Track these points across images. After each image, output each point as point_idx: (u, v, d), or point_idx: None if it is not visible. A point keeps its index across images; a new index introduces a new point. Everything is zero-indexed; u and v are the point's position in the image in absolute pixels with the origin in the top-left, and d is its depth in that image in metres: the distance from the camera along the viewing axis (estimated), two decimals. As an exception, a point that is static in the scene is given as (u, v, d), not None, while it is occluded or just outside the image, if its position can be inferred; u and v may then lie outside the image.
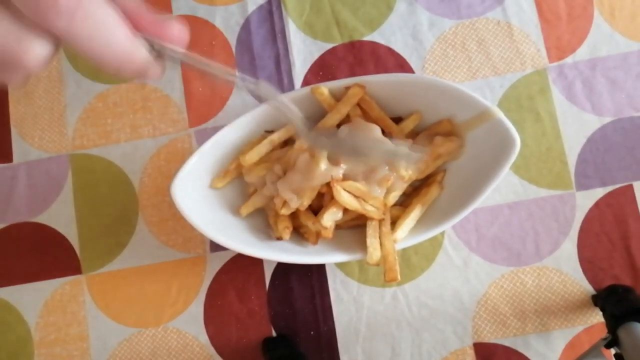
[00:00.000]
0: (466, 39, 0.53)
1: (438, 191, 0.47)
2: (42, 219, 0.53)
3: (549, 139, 0.51)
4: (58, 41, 0.23)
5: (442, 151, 0.46)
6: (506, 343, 0.50)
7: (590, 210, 0.51)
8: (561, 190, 0.51)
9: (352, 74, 0.53)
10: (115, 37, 0.24)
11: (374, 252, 0.44)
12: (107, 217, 0.53)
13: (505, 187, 0.51)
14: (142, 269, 0.52)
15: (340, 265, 0.51)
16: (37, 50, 0.23)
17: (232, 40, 0.55)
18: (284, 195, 0.44)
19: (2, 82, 0.24)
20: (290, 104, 0.37)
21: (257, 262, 0.52)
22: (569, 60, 0.53)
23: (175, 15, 0.55)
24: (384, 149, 0.42)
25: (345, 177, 0.45)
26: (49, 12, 0.21)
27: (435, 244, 0.51)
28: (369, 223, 0.45)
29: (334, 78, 0.53)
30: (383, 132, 0.46)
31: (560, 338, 0.50)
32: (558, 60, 0.53)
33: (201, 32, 0.55)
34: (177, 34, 0.26)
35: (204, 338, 0.51)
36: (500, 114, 0.43)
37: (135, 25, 0.25)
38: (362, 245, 0.44)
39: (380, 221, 0.45)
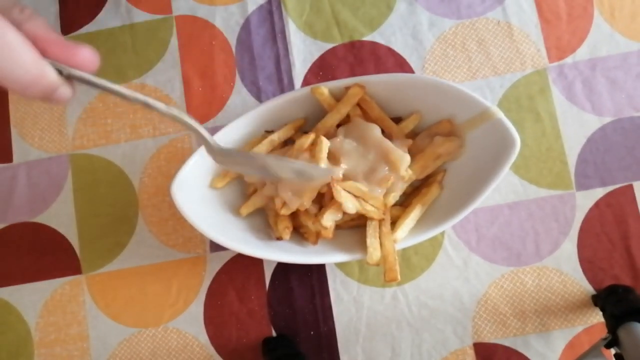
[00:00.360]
0: (466, 39, 0.53)
1: (438, 191, 0.47)
2: (42, 219, 0.53)
3: (549, 139, 0.51)
4: None
5: (442, 151, 0.46)
6: (506, 343, 0.50)
7: (590, 210, 0.51)
8: (561, 190, 0.51)
9: (352, 74, 0.53)
10: (21, 61, 0.24)
11: (374, 252, 0.44)
12: (107, 217, 0.53)
13: (505, 187, 0.51)
14: (142, 269, 0.52)
15: (340, 265, 0.51)
16: None
17: (232, 40, 0.55)
18: (284, 197, 0.44)
19: None
20: (202, 128, 0.36)
21: (257, 262, 0.52)
22: (569, 60, 0.53)
23: (174, 15, 0.56)
24: (293, 167, 0.42)
25: (345, 177, 0.45)
26: None
27: (435, 244, 0.51)
28: (369, 223, 0.45)
29: (334, 78, 0.53)
30: (383, 132, 0.46)
31: (560, 338, 0.50)
32: (558, 60, 0.53)
33: (201, 32, 0.55)
34: (85, 58, 0.27)
35: (204, 338, 0.51)
36: (500, 114, 0.43)
37: (44, 50, 0.25)
38: (362, 245, 0.44)
39: (380, 221, 0.45)
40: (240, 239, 0.45)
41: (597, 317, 0.50)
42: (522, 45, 0.53)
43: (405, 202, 0.48)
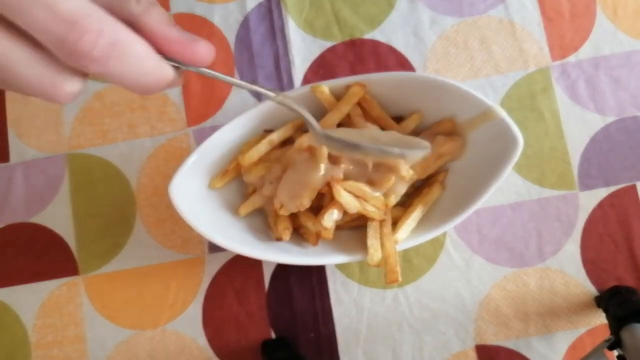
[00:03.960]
0: (468, 37, 0.53)
1: (440, 191, 0.46)
2: (39, 219, 0.53)
3: (552, 138, 0.51)
4: (88, 74, 0.24)
5: (443, 151, 0.46)
6: (509, 345, 0.49)
7: (594, 211, 0.50)
8: (564, 190, 0.50)
9: (353, 72, 0.53)
10: (145, 68, 0.24)
11: (375, 253, 0.43)
12: (105, 218, 0.52)
13: (507, 187, 0.51)
14: (139, 270, 0.51)
15: (340, 267, 0.51)
16: (69, 88, 0.24)
17: (231, 39, 0.54)
18: (282, 199, 0.44)
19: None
20: (308, 114, 0.38)
21: (257, 263, 0.51)
22: (572, 58, 0.52)
23: (172, 13, 0.55)
24: (395, 154, 0.42)
25: (346, 177, 0.44)
26: (83, 59, 0.22)
27: (437, 244, 0.50)
28: (369, 224, 0.44)
29: (334, 77, 0.53)
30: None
31: (563, 340, 0.49)
32: (561, 58, 0.52)
33: (199, 30, 0.54)
34: (202, 54, 0.27)
35: (202, 340, 0.51)
36: (503, 113, 0.42)
37: (163, 49, 0.25)
38: (363, 246, 0.44)
39: (381, 222, 0.44)
40: (239, 240, 0.45)
41: (600, 319, 0.49)
42: (524, 44, 0.52)
43: (406, 202, 0.47)
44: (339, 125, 0.46)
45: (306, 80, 0.53)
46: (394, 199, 0.45)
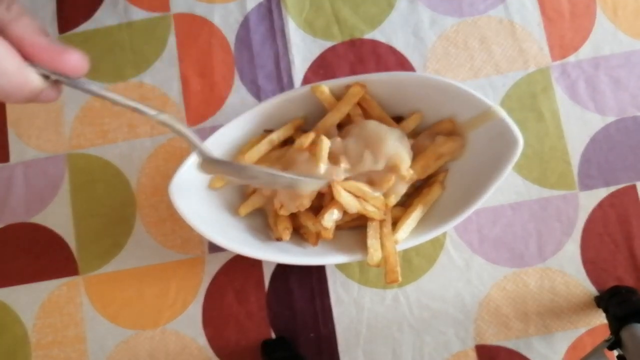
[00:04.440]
0: (468, 37, 0.53)
1: (440, 191, 0.46)
2: (39, 219, 0.53)
3: (552, 138, 0.51)
4: None
5: (443, 151, 0.46)
6: (509, 345, 0.49)
7: (594, 211, 0.50)
8: (564, 190, 0.50)
9: (353, 72, 0.53)
10: (2, 70, 0.23)
11: (375, 253, 0.43)
12: (105, 218, 0.52)
13: (507, 187, 0.50)
14: (139, 270, 0.51)
15: (340, 267, 0.51)
16: None
17: (231, 39, 0.54)
18: (281, 200, 0.44)
19: None
20: (193, 135, 0.36)
21: (257, 263, 0.51)
22: (572, 58, 0.52)
23: (172, 13, 0.55)
24: (283, 182, 0.41)
25: (346, 177, 0.44)
26: None
27: (437, 244, 0.50)
28: (369, 224, 0.44)
29: (334, 77, 0.53)
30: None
31: (563, 340, 0.49)
32: (561, 58, 0.52)
33: (200, 30, 0.54)
34: (73, 64, 0.26)
35: (202, 340, 0.51)
36: (503, 113, 0.42)
37: (30, 56, 0.24)
38: (363, 246, 0.44)
39: (381, 222, 0.44)
40: (239, 240, 0.45)
41: (600, 319, 0.49)
42: (524, 44, 0.52)
43: (406, 202, 0.47)
44: (339, 125, 0.46)
45: (306, 80, 0.53)
46: (394, 199, 0.45)
